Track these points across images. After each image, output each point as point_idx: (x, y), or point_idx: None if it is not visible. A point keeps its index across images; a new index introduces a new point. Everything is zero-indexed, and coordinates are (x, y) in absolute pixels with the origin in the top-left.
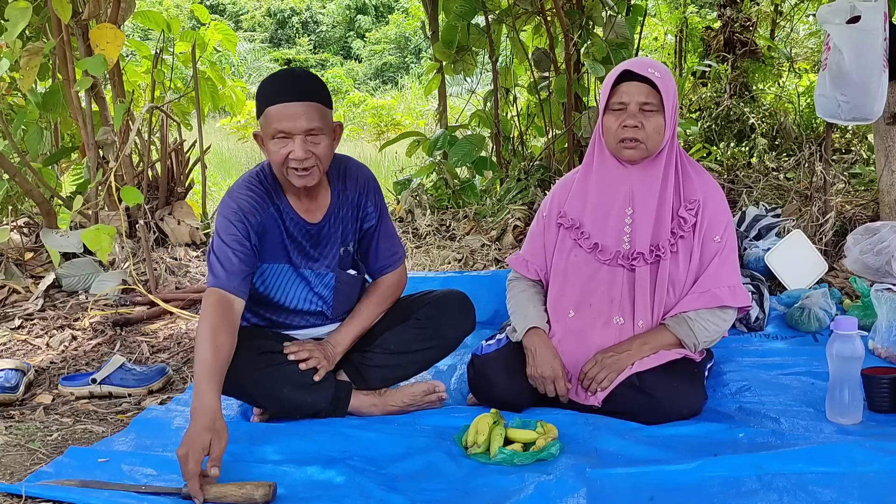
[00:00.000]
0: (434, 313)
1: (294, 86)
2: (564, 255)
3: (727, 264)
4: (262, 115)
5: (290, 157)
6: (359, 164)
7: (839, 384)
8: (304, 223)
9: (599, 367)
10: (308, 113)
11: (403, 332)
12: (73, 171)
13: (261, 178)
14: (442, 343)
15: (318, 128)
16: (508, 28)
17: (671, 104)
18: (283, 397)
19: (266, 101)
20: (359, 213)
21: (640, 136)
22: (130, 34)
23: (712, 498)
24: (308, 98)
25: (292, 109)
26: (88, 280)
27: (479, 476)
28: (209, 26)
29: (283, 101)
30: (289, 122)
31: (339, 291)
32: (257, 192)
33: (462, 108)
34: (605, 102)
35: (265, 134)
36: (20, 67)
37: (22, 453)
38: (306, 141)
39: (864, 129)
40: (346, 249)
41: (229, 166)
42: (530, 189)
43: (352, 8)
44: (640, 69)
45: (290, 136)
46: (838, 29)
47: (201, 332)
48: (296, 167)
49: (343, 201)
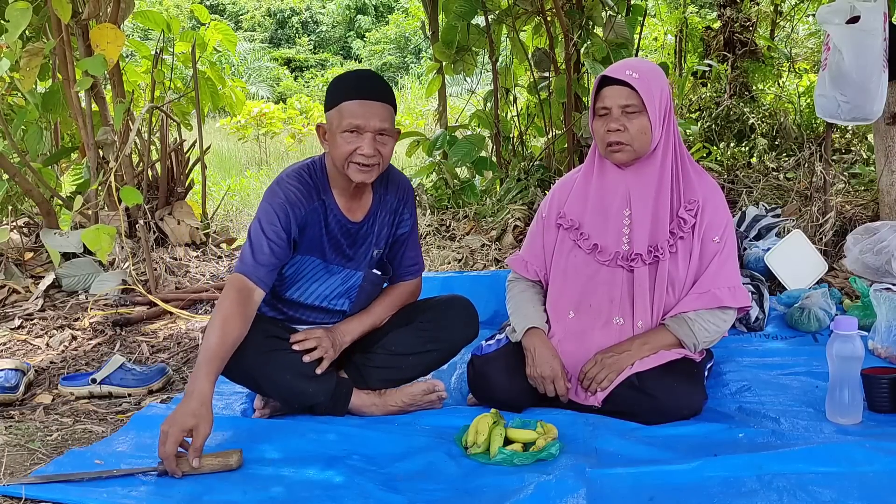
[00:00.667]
0: (437, 317)
1: (374, 86)
2: (564, 256)
3: (727, 265)
4: (334, 108)
5: (357, 151)
6: (399, 172)
7: (839, 384)
8: (347, 221)
9: (599, 368)
10: (382, 114)
11: (406, 335)
12: (73, 171)
13: (311, 172)
14: (443, 347)
15: (388, 129)
16: (508, 28)
17: (655, 103)
18: (285, 383)
19: (344, 95)
20: (395, 219)
21: (623, 138)
22: (130, 34)
23: (712, 498)
24: (384, 100)
25: (369, 108)
26: (88, 280)
27: (478, 476)
28: (209, 26)
29: (361, 98)
30: (364, 120)
31: (363, 290)
32: (305, 185)
33: (462, 108)
34: (592, 108)
35: (335, 126)
36: (20, 68)
37: (22, 453)
38: (376, 139)
39: (864, 129)
40: (379, 252)
41: (229, 166)
42: (530, 189)
43: (352, 8)
44: (617, 73)
45: (361, 133)
46: (838, 29)
47: (215, 316)
48: (360, 162)
49: (383, 206)
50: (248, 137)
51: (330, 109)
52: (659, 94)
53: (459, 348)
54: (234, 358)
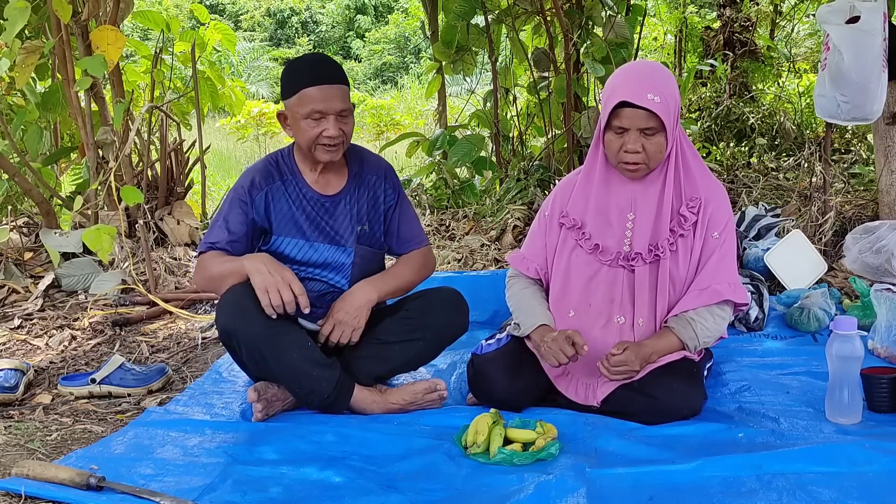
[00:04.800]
0: (423, 305)
1: (330, 70)
2: (565, 256)
3: (726, 261)
4: (294, 95)
5: (323, 134)
6: (376, 155)
7: (839, 384)
8: (318, 195)
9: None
10: (340, 95)
11: (391, 323)
12: (72, 171)
13: (277, 157)
14: (428, 336)
15: (347, 108)
16: (508, 28)
17: (672, 120)
18: (291, 362)
19: (302, 83)
20: (376, 194)
21: (640, 159)
22: (130, 34)
23: (712, 498)
24: (340, 81)
25: (328, 91)
26: (88, 280)
27: (478, 476)
28: (209, 26)
29: (319, 83)
30: (326, 104)
31: (357, 267)
32: (266, 168)
33: (462, 108)
34: (606, 120)
35: (298, 114)
36: (17, 65)
37: (22, 453)
38: (338, 120)
39: (863, 129)
40: (363, 228)
41: (229, 166)
42: (530, 189)
43: (351, 8)
44: (639, 99)
45: (324, 116)
46: (838, 29)
47: (200, 270)
48: (327, 143)
49: (360, 182)
50: (248, 137)
51: (289, 97)
52: (675, 108)
53: (447, 339)
54: (245, 323)
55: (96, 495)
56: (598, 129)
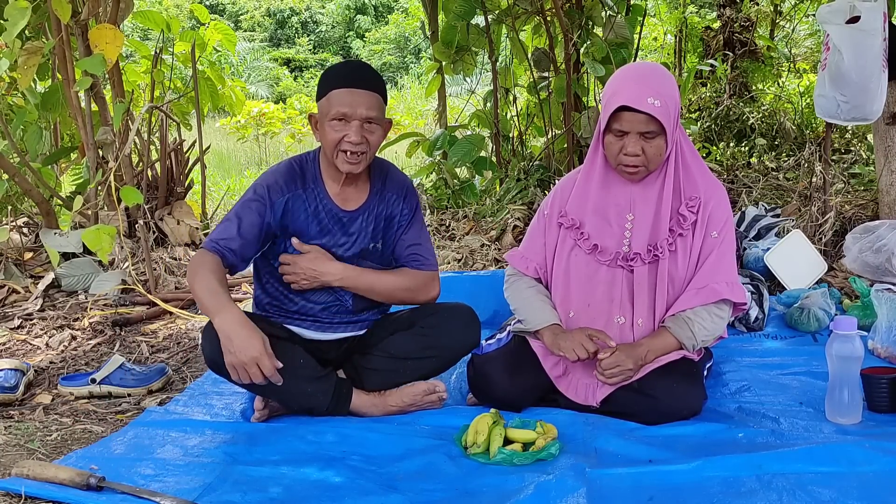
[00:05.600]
0: (439, 323)
1: (361, 74)
2: (565, 256)
3: (725, 260)
4: (324, 97)
5: (344, 139)
6: (403, 174)
7: (839, 384)
8: (338, 209)
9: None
10: (369, 102)
11: (406, 338)
12: (72, 171)
13: (302, 162)
14: (443, 354)
15: (375, 118)
16: (508, 28)
17: (672, 122)
18: (285, 385)
19: (331, 84)
20: (392, 213)
21: (640, 162)
22: (130, 34)
23: (712, 498)
24: (371, 88)
25: (356, 96)
26: (88, 280)
27: (478, 476)
28: (209, 26)
29: (349, 86)
30: (351, 108)
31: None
32: (290, 173)
33: (462, 108)
34: (606, 122)
35: (324, 115)
36: (18, 66)
37: (21, 453)
38: (362, 128)
39: (863, 129)
40: (375, 246)
41: (229, 166)
42: (530, 189)
43: (351, 8)
44: (640, 104)
45: (348, 121)
46: (838, 29)
47: (192, 272)
48: (347, 150)
49: (380, 200)
50: (248, 137)
51: (320, 99)
52: (675, 110)
53: (460, 356)
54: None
55: (96, 495)
56: (598, 130)
